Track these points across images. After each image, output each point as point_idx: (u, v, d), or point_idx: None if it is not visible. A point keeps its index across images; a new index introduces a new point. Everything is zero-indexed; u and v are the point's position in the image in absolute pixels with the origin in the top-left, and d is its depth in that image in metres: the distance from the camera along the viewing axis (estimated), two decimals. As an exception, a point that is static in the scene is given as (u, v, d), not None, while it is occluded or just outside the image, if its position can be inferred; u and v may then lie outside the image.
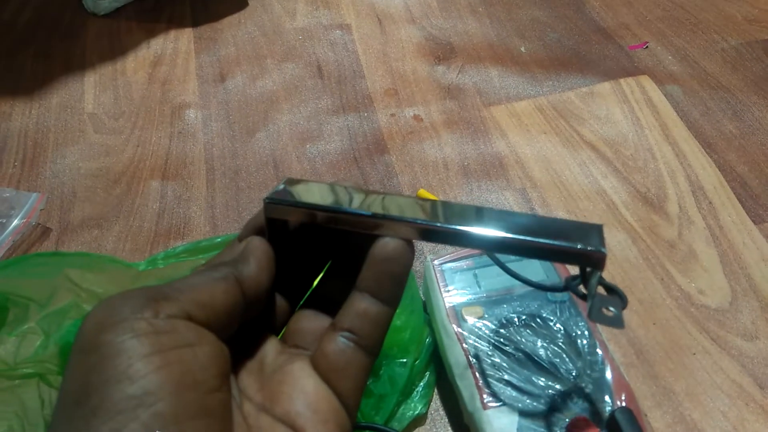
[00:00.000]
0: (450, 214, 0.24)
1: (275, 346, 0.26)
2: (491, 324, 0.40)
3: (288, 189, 0.26)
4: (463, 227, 0.24)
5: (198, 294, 0.22)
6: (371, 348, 0.24)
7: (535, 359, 0.38)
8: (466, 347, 0.39)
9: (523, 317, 0.40)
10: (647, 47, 0.71)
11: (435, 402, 0.43)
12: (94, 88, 0.67)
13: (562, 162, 0.59)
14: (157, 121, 0.64)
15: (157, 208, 0.55)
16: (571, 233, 0.23)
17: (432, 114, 0.64)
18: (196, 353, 0.21)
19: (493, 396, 0.37)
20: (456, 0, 0.79)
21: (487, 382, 0.37)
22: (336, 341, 0.24)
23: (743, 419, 0.42)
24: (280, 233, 0.26)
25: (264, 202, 0.25)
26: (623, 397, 0.36)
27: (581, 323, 0.40)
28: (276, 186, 0.26)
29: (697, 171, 0.58)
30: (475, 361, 0.38)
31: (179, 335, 0.20)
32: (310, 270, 0.28)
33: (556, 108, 0.64)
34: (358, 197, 0.25)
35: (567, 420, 0.35)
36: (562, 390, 0.37)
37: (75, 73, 0.69)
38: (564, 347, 0.39)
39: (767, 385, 0.43)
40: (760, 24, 0.74)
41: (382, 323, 0.24)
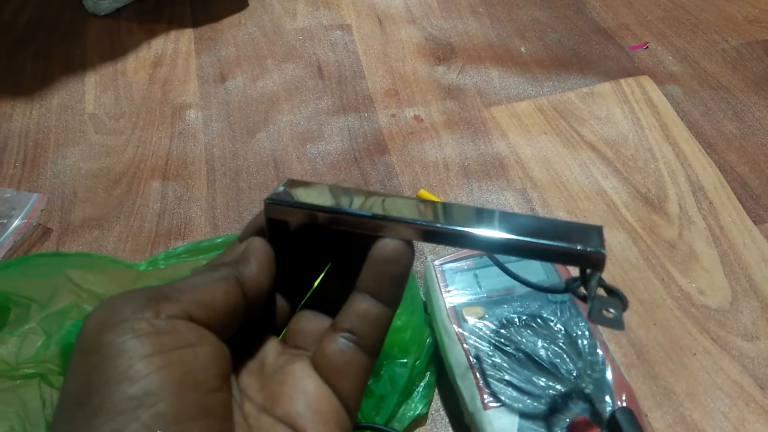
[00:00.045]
0: (450, 215, 0.24)
1: (276, 346, 0.26)
2: (492, 324, 0.40)
3: (288, 190, 0.26)
4: (463, 228, 0.24)
5: (199, 294, 0.22)
6: (371, 348, 0.24)
7: (536, 359, 0.38)
8: (466, 347, 0.39)
9: (524, 317, 0.40)
10: (647, 47, 0.72)
11: (435, 402, 0.43)
12: (94, 88, 0.67)
13: (562, 162, 0.59)
14: (158, 122, 0.64)
15: (158, 208, 0.55)
16: (571, 234, 0.23)
17: (432, 114, 0.64)
18: (196, 353, 0.21)
19: (494, 396, 0.37)
20: (456, 0, 0.79)
21: (488, 382, 0.37)
22: (336, 342, 0.24)
23: (744, 419, 0.42)
24: (280, 234, 0.26)
25: (264, 202, 0.25)
26: (624, 398, 0.36)
27: (582, 323, 0.40)
28: (276, 187, 0.26)
29: (698, 171, 0.58)
30: (476, 362, 0.38)
31: (180, 336, 0.20)
32: (310, 271, 0.28)
33: (556, 108, 0.64)
34: (358, 198, 0.25)
35: (567, 420, 0.35)
36: (562, 390, 0.37)
37: (75, 74, 0.69)
38: (564, 347, 0.39)
39: (768, 386, 0.43)
40: (760, 24, 0.74)
41: (382, 324, 0.24)
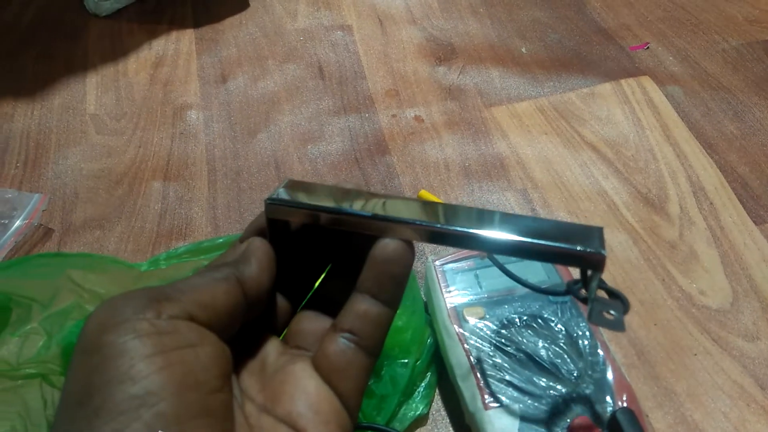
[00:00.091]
0: (450, 215, 0.25)
1: (277, 346, 0.26)
2: (492, 324, 0.40)
3: (289, 190, 0.26)
4: (463, 229, 0.24)
5: (199, 295, 0.22)
6: (372, 349, 0.24)
7: (537, 360, 0.38)
8: (467, 348, 0.39)
9: (525, 318, 0.40)
10: (648, 48, 0.72)
11: (436, 402, 0.43)
12: (95, 89, 0.68)
13: (563, 163, 0.59)
14: (159, 122, 0.64)
15: (159, 208, 0.55)
16: (572, 235, 0.23)
17: (433, 115, 0.64)
18: (197, 354, 0.21)
19: (495, 396, 0.37)
20: (457, 1, 0.79)
21: (489, 382, 0.37)
22: (337, 342, 0.24)
23: (744, 420, 0.42)
24: (281, 234, 0.27)
25: (265, 202, 0.25)
26: (624, 398, 0.36)
27: (582, 324, 0.40)
28: (277, 187, 0.26)
29: (698, 172, 0.58)
30: (477, 362, 0.38)
31: (181, 336, 0.20)
32: (311, 271, 0.29)
33: (557, 109, 0.64)
34: (358, 198, 0.25)
35: (568, 421, 0.35)
36: (563, 391, 0.37)
37: (77, 74, 0.69)
38: (565, 348, 0.39)
39: (768, 386, 0.43)
40: (760, 24, 0.74)
41: (382, 324, 0.25)
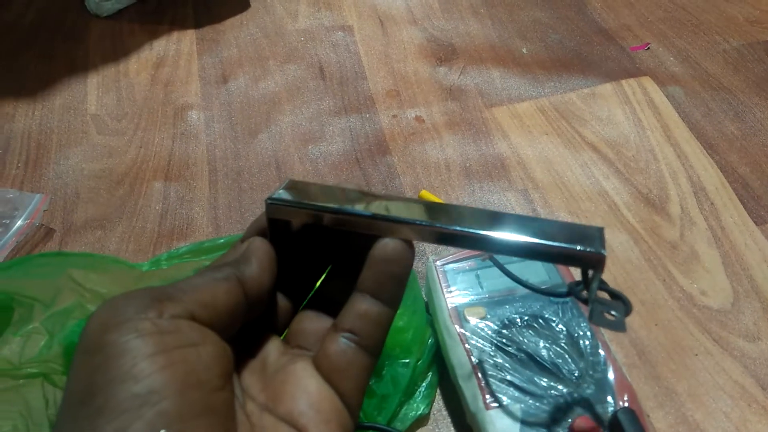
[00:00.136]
0: (450, 215, 0.25)
1: (278, 346, 0.26)
2: (493, 325, 0.40)
3: (290, 190, 0.26)
4: (463, 228, 0.24)
5: (201, 294, 0.22)
6: (372, 348, 0.24)
7: (538, 360, 0.38)
8: (468, 348, 0.39)
9: (526, 318, 0.40)
10: (649, 48, 0.72)
11: (438, 402, 0.43)
12: (96, 89, 0.68)
13: (563, 163, 0.59)
14: (160, 123, 0.64)
15: (160, 209, 0.55)
16: (572, 235, 0.23)
17: (434, 115, 0.64)
18: (199, 353, 0.21)
19: (496, 396, 0.37)
20: (457, 1, 0.79)
21: (490, 382, 0.37)
22: (337, 342, 0.24)
23: (746, 420, 0.42)
24: (282, 234, 0.27)
25: (265, 202, 0.25)
26: (625, 398, 0.36)
27: (583, 324, 0.40)
28: (278, 187, 0.26)
29: (699, 172, 0.58)
30: (478, 362, 0.38)
31: (183, 335, 0.21)
32: (312, 271, 0.29)
33: (557, 109, 0.64)
34: (359, 198, 0.25)
35: (569, 420, 0.35)
36: (564, 391, 0.37)
37: (78, 75, 0.69)
38: (566, 348, 0.39)
39: (769, 386, 0.43)
40: (761, 25, 0.74)
41: (383, 324, 0.25)
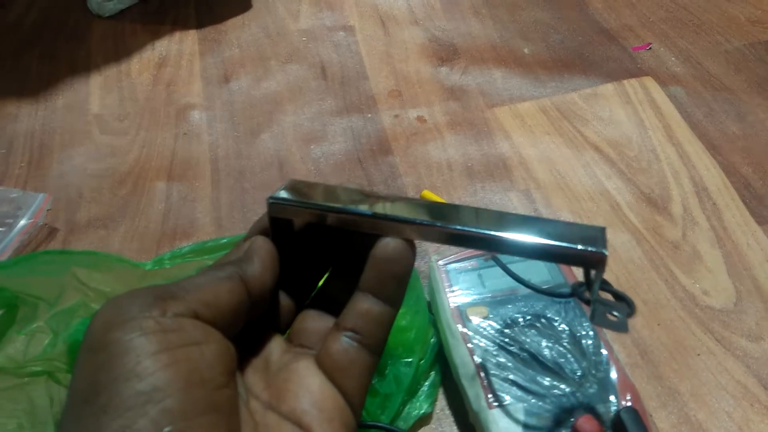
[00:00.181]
0: (452, 215, 0.25)
1: (280, 345, 0.26)
2: (496, 324, 0.40)
3: (291, 189, 0.26)
4: (465, 228, 0.24)
5: (204, 293, 0.22)
6: (375, 347, 0.25)
7: (540, 359, 0.38)
8: (471, 347, 0.39)
9: (528, 317, 0.40)
10: (650, 48, 0.72)
11: (440, 401, 0.43)
12: (99, 89, 0.68)
13: (566, 163, 0.59)
14: (162, 122, 0.64)
15: (163, 208, 0.55)
16: (574, 235, 0.23)
17: (436, 115, 0.64)
18: (203, 351, 0.21)
19: (499, 396, 0.37)
20: (459, 2, 0.79)
21: (492, 381, 0.37)
22: (340, 341, 0.24)
23: (748, 420, 0.42)
24: (284, 233, 0.27)
25: (267, 201, 0.25)
26: (628, 397, 0.36)
27: (586, 324, 0.40)
28: (280, 186, 0.26)
29: (701, 172, 0.58)
30: (480, 361, 0.38)
31: (186, 333, 0.21)
32: (314, 270, 0.29)
33: (559, 109, 0.64)
34: (360, 198, 0.25)
35: (572, 420, 0.35)
36: (567, 390, 0.37)
37: (80, 75, 0.69)
38: (569, 347, 0.39)
39: (772, 386, 0.43)
40: (763, 25, 0.74)
41: (384, 323, 0.25)
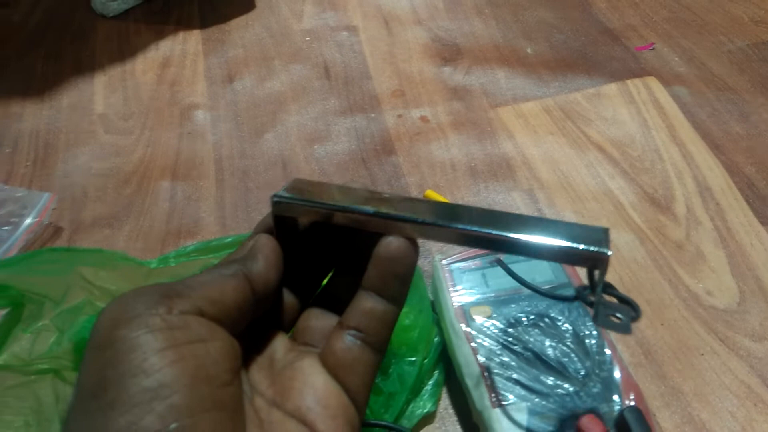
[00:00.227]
0: (454, 214, 0.25)
1: (285, 343, 0.26)
2: (499, 323, 0.40)
3: (295, 188, 0.26)
4: (468, 227, 0.24)
5: (209, 291, 0.22)
6: (378, 345, 0.25)
7: (544, 359, 0.38)
8: (474, 346, 0.39)
9: (532, 317, 0.41)
10: (654, 48, 0.71)
11: (444, 400, 0.43)
12: (103, 89, 0.68)
13: (569, 163, 0.59)
14: (167, 122, 0.64)
15: (167, 207, 0.56)
16: (577, 235, 0.24)
17: (439, 115, 0.64)
18: (208, 348, 0.21)
19: (502, 395, 0.37)
20: (462, 1, 0.79)
21: (496, 381, 0.38)
22: (343, 339, 0.24)
23: (752, 420, 0.42)
24: (288, 232, 0.27)
25: (272, 200, 0.26)
26: (632, 397, 0.36)
27: (589, 323, 0.40)
28: (284, 185, 0.26)
29: (705, 172, 0.58)
30: (484, 360, 0.39)
31: (192, 331, 0.21)
32: (318, 268, 0.29)
33: (562, 109, 0.64)
34: (363, 197, 0.26)
35: (576, 419, 0.35)
36: (570, 389, 0.37)
37: (85, 75, 0.70)
38: (572, 347, 0.39)
39: (775, 386, 0.43)
40: (766, 25, 0.74)
41: (388, 321, 0.25)
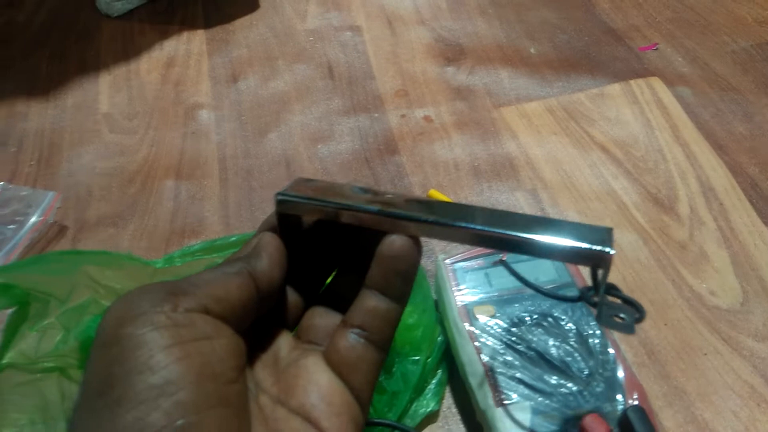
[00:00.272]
0: (457, 213, 0.25)
1: (289, 341, 0.26)
2: (503, 323, 0.40)
3: (299, 187, 0.26)
4: (471, 226, 0.24)
5: (214, 289, 0.23)
6: (382, 344, 0.25)
7: (547, 358, 0.38)
8: (477, 346, 0.39)
9: (535, 316, 0.41)
10: (657, 49, 0.71)
11: (447, 399, 0.43)
12: (108, 88, 0.68)
13: (572, 163, 0.59)
14: (171, 122, 0.64)
15: (171, 207, 0.56)
16: (580, 234, 0.24)
17: (442, 115, 0.64)
18: (213, 346, 0.21)
19: (505, 394, 0.37)
20: (465, 1, 0.79)
21: (499, 380, 0.38)
22: (347, 337, 0.24)
23: (755, 419, 0.42)
24: (292, 230, 0.27)
25: (276, 198, 0.26)
26: (635, 396, 0.37)
27: (593, 323, 0.40)
28: (288, 184, 0.27)
29: (708, 172, 0.58)
30: (487, 360, 0.39)
31: (197, 328, 0.21)
32: (322, 267, 0.29)
33: (566, 109, 0.64)
34: (367, 195, 0.26)
35: (579, 418, 0.35)
36: (574, 389, 0.37)
37: (89, 74, 0.70)
38: (576, 346, 0.39)
39: (779, 386, 0.43)
40: (771, 25, 0.74)
41: (391, 320, 0.25)
